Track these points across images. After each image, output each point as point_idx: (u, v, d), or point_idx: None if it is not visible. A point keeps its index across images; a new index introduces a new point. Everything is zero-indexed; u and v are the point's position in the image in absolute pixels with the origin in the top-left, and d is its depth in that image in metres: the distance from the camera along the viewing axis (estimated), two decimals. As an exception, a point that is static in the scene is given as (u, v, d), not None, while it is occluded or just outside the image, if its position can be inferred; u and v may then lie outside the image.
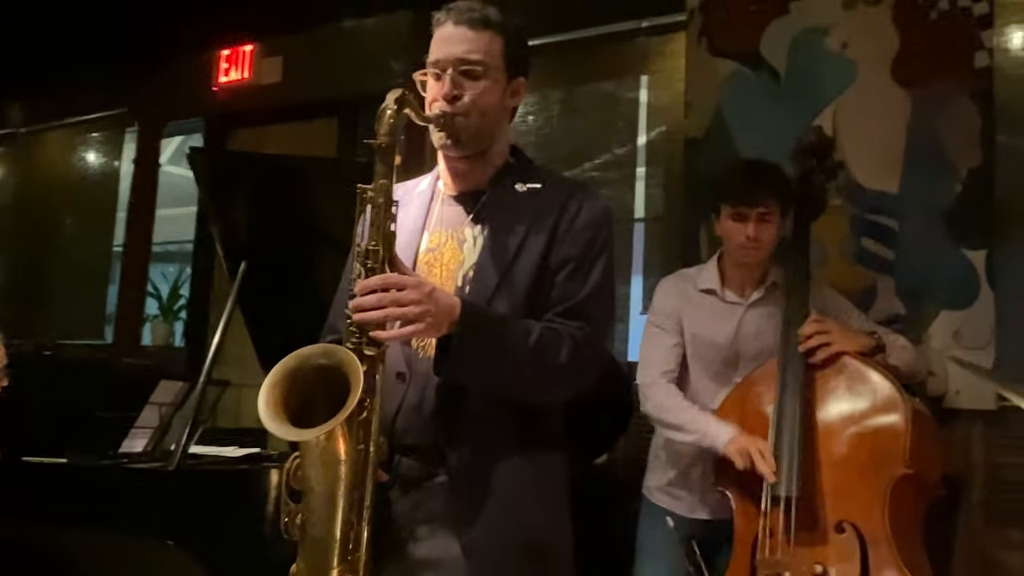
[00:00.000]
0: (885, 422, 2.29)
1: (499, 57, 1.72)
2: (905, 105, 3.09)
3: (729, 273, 2.61)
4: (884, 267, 3.07)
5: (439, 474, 1.65)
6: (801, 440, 2.30)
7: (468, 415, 1.64)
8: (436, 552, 1.64)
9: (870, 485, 2.24)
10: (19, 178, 6.03)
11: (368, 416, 1.54)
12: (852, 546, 2.21)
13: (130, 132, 5.56)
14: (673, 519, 2.47)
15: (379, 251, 1.57)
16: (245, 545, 2.26)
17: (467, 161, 1.76)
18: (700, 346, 2.58)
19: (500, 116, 1.76)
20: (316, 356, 1.54)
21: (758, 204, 2.47)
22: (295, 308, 2.66)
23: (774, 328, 2.51)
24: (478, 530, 1.62)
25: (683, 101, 3.63)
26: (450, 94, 1.68)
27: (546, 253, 1.69)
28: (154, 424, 2.93)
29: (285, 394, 1.51)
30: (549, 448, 1.75)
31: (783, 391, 2.37)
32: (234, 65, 5.02)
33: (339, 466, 1.52)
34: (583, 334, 1.65)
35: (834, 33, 3.26)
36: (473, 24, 1.70)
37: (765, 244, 2.50)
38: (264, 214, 2.83)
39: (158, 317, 5.57)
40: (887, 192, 3.10)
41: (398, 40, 4.31)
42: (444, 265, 1.72)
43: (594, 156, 3.99)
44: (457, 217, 1.76)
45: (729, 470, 2.35)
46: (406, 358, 1.68)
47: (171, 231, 5.91)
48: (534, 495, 1.69)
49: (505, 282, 1.67)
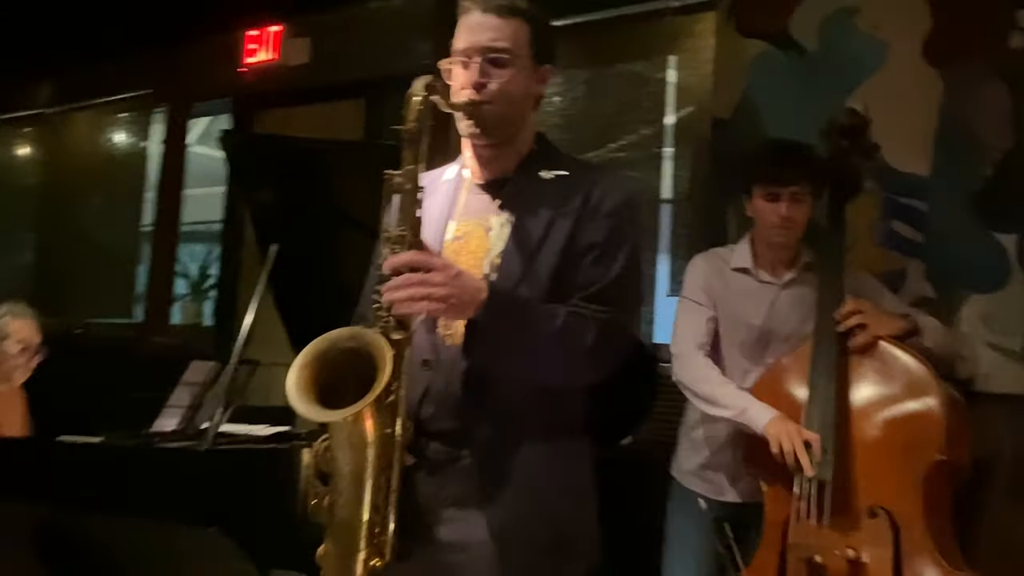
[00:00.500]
0: (920, 407, 2.27)
1: (526, 45, 1.72)
2: (937, 86, 3.06)
3: (762, 253, 2.58)
4: (914, 250, 3.04)
5: (465, 457, 1.67)
6: (834, 424, 2.29)
7: (494, 400, 1.66)
8: (463, 534, 1.65)
9: (904, 470, 2.23)
10: (48, 159, 6.09)
11: (394, 400, 1.56)
12: (885, 531, 2.20)
13: (158, 112, 5.60)
14: (704, 502, 2.47)
15: (406, 236, 1.59)
16: (275, 522, 2.29)
17: (493, 149, 1.76)
18: (733, 325, 2.56)
19: (526, 103, 1.76)
20: (345, 339, 1.56)
21: (791, 183, 2.46)
22: (324, 289, 2.69)
23: (807, 310, 2.49)
24: (505, 513, 1.64)
25: (711, 81, 3.61)
26: (477, 82, 1.69)
27: (572, 239, 1.69)
28: (185, 403, 2.97)
29: (314, 376, 1.53)
30: (574, 432, 1.77)
31: (816, 374, 2.36)
32: (262, 46, 5.03)
33: (366, 448, 1.53)
34: (609, 318, 1.66)
35: (865, 13, 3.22)
36: (500, 11, 1.70)
37: (798, 224, 2.49)
38: (294, 196, 2.85)
39: (187, 296, 5.64)
40: (917, 174, 3.07)
41: (425, 21, 4.31)
42: (471, 253, 1.73)
43: (620, 137, 3.97)
44: (483, 205, 1.77)
45: (761, 452, 2.33)
46: (432, 345, 1.69)
47: (199, 211, 5.95)
48: (560, 478, 1.71)
49: (531, 269, 1.68)
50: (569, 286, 1.68)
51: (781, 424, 2.30)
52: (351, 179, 2.76)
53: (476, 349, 1.61)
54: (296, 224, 2.82)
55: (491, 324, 1.58)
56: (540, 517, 1.66)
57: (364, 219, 2.77)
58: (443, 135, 1.69)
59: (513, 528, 1.64)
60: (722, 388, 2.44)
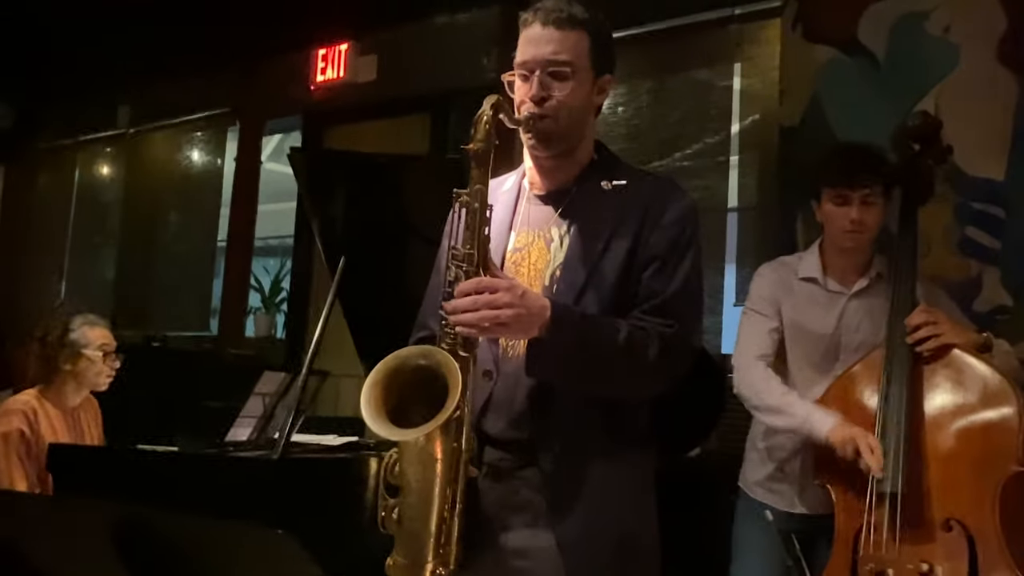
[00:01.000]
0: (996, 417, 2.19)
1: (586, 56, 1.72)
2: (1012, 88, 2.99)
3: (831, 261, 2.52)
4: (990, 257, 2.97)
5: (529, 465, 1.68)
6: (907, 434, 2.23)
7: (557, 411, 1.67)
8: (528, 541, 1.66)
9: (979, 482, 2.16)
10: (128, 177, 6.29)
11: (461, 414, 1.58)
12: (960, 545, 2.13)
13: (232, 131, 5.75)
14: (772, 513, 2.44)
15: (474, 255, 1.60)
16: (345, 531, 2.33)
17: (554, 160, 1.77)
18: (800, 336, 2.50)
19: (587, 114, 1.77)
20: (415, 357, 1.59)
21: (861, 186, 2.40)
22: (391, 301, 2.73)
23: (877, 320, 2.42)
24: (571, 522, 1.64)
25: (778, 89, 3.58)
26: (538, 95, 1.69)
27: (632, 251, 1.69)
28: (258, 413, 3.04)
29: (385, 393, 1.55)
30: (638, 443, 1.77)
31: (889, 383, 2.29)
32: (330, 64, 5.14)
33: (435, 464, 1.56)
34: (671, 332, 1.66)
35: (935, 16, 3.16)
36: (560, 24, 1.70)
37: (870, 227, 2.43)
38: (361, 210, 2.90)
39: (260, 310, 5.75)
40: (993, 179, 3.00)
41: (488, 35, 4.36)
42: (532, 264, 1.74)
43: (686, 146, 3.95)
44: (544, 216, 1.77)
45: (831, 462, 2.28)
46: (494, 357, 1.71)
47: (272, 226, 6.08)
48: (626, 490, 1.71)
49: (592, 281, 1.69)
50: (631, 298, 1.69)
51: (845, 429, 2.25)
52: (416, 192, 2.81)
53: (538, 366, 1.62)
54: (364, 237, 2.87)
55: (554, 342, 1.60)
56: (604, 526, 1.67)
57: (429, 232, 2.80)
58: (505, 144, 1.71)
59: (580, 538, 1.65)
60: (783, 399, 2.39)
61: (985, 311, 2.85)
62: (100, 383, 3.09)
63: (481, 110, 1.62)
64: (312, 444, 2.93)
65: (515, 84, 1.74)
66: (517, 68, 1.73)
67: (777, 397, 2.40)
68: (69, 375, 3.04)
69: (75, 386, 3.07)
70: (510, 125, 1.67)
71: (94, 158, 6.55)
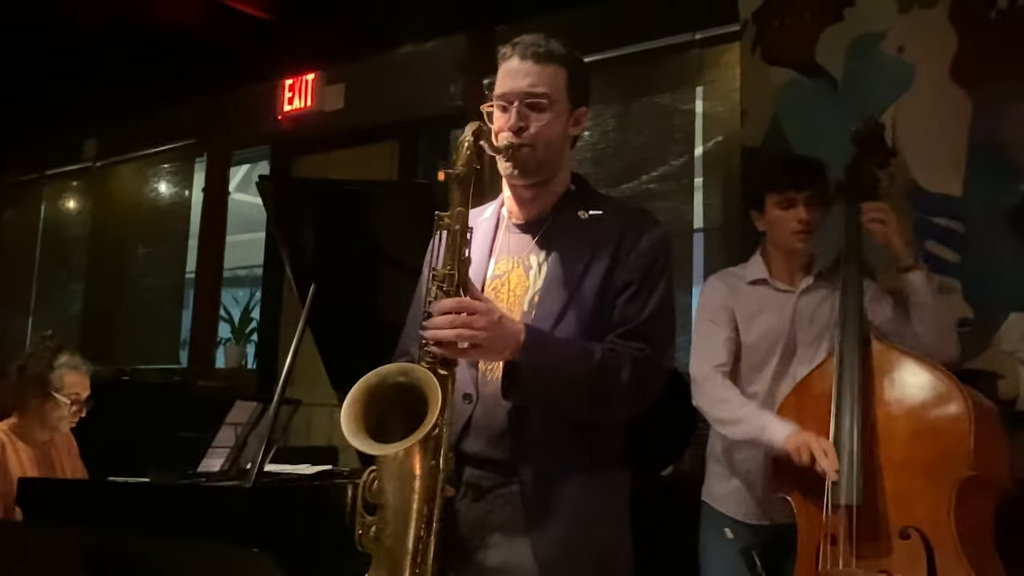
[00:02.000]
0: (945, 421, 2.20)
1: (563, 89, 1.78)
2: (966, 106, 3.07)
3: (776, 264, 2.58)
4: (950, 270, 3.03)
5: (509, 484, 1.70)
6: (860, 445, 2.24)
7: (535, 432, 1.70)
8: (508, 558, 1.68)
9: (934, 488, 2.16)
10: (95, 210, 6.25)
11: (439, 432, 1.60)
12: (918, 553, 2.13)
13: (199, 162, 5.75)
14: (735, 525, 2.44)
15: (454, 276, 1.64)
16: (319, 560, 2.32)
17: (532, 189, 1.82)
18: (756, 338, 2.53)
19: (563, 145, 1.82)
20: (395, 374, 1.60)
21: (805, 188, 2.48)
22: (362, 327, 2.73)
23: (827, 315, 2.47)
24: (550, 539, 1.67)
25: (739, 111, 3.64)
26: (516, 125, 1.75)
27: (608, 278, 1.74)
28: (230, 443, 3.01)
29: (365, 410, 1.57)
30: (615, 463, 1.80)
31: (840, 394, 2.29)
32: (297, 94, 5.16)
33: (414, 480, 1.57)
34: (643, 355, 1.70)
35: (890, 37, 3.25)
36: (538, 58, 1.76)
37: (815, 227, 2.51)
38: (330, 237, 2.90)
39: (230, 340, 5.72)
40: (950, 195, 3.07)
41: (455, 65, 4.39)
42: (511, 291, 1.79)
43: (651, 169, 4.01)
44: (522, 244, 1.82)
45: (790, 472, 2.29)
46: (473, 380, 1.74)
47: (241, 257, 6.06)
48: (603, 508, 1.74)
49: (569, 307, 1.73)
50: (606, 323, 1.73)
51: (801, 436, 2.26)
52: (386, 218, 2.82)
53: (514, 389, 1.66)
54: (333, 264, 2.87)
55: (528, 365, 1.63)
56: (582, 543, 1.69)
57: (399, 256, 2.83)
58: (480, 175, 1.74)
59: (556, 553, 1.67)
60: (741, 410, 2.41)
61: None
62: (61, 427, 3.08)
63: (463, 136, 1.67)
64: (285, 474, 2.91)
65: (494, 115, 1.79)
66: (496, 100, 1.79)
67: (735, 408, 2.42)
68: (35, 411, 3.02)
69: (40, 423, 3.05)
70: (490, 152, 1.72)
71: (60, 192, 6.51)
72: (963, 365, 2.84)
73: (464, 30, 4.42)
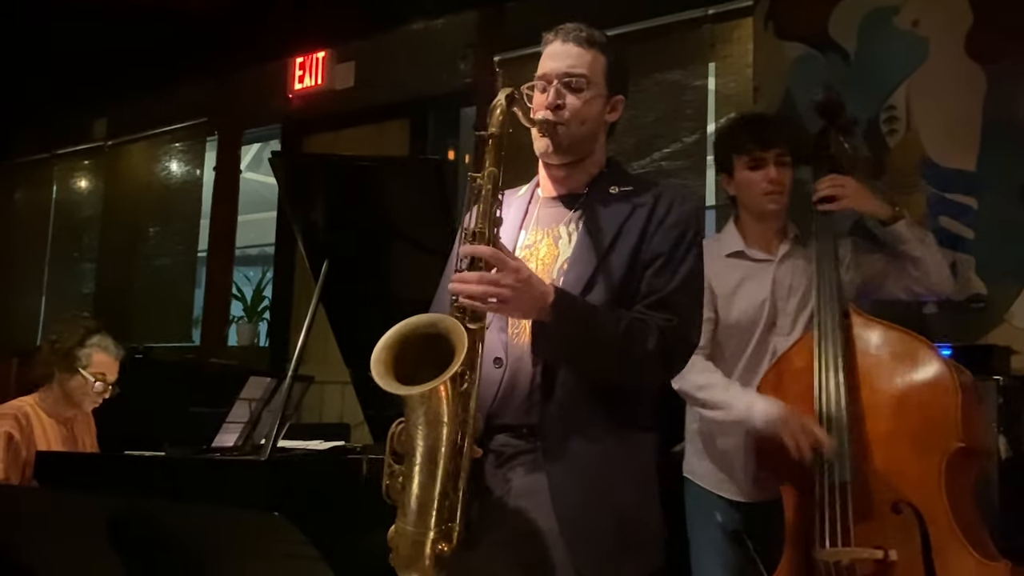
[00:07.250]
0: (933, 394, 2.17)
1: (601, 74, 1.85)
2: (980, 81, 3.05)
3: (751, 231, 2.52)
4: (963, 246, 3.03)
5: (533, 449, 1.73)
6: (848, 421, 2.20)
7: (562, 396, 1.72)
8: (531, 523, 1.70)
9: (923, 461, 2.13)
10: (106, 189, 6.26)
11: (468, 389, 1.63)
12: (911, 526, 2.12)
13: (211, 141, 5.74)
14: (721, 503, 2.42)
15: (484, 232, 1.68)
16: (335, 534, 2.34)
17: (565, 168, 1.88)
18: (736, 312, 2.46)
19: (598, 128, 1.88)
20: (424, 325, 1.64)
21: (774, 146, 2.46)
22: (374, 302, 2.74)
23: (807, 282, 2.43)
24: (573, 504, 1.69)
25: (751, 86, 3.62)
26: (553, 103, 1.81)
27: (637, 249, 1.78)
28: (244, 419, 3.04)
29: (395, 358, 1.60)
30: (640, 429, 1.82)
31: (822, 371, 2.26)
32: (308, 72, 5.15)
33: (441, 427, 1.59)
34: (670, 325, 1.73)
35: (904, 10, 3.23)
36: (579, 42, 1.84)
37: (786, 188, 2.47)
38: (342, 213, 2.91)
39: (243, 319, 5.74)
40: (964, 170, 3.06)
41: (465, 41, 4.38)
42: (540, 260, 1.82)
43: (663, 146, 3.99)
44: (553, 216, 1.87)
45: (776, 453, 2.25)
46: (503, 345, 1.77)
47: (252, 235, 6.07)
48: (626, 473, 1.76)
49: (598, 276, 1.76)
50: (634, 294, 1.76)
51: (789, 416, 2.23)
52: (398, 193, 2.82)
53: (542, 348, 1.70)
54: (346, 240, 2.88)
55: (556, 326, 1.66)
56: (605, 507, 1.71)
57: (411, 231, 2.83)
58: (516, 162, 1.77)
59: (581, 519, 1.69)
60: (725, 393, 2.35)
61: (961, 299, 2.90)
62: (84, 405, 3.10)
63: (496, 100, 1.74)
64: (299, 449, 2.93)
65: (533, 96, 1.85)
66: (536, 80, 1.85)
67: (719, 393, 2.36)
68: (60, 385, 3.05)
69: (64, 398, 3.07)
70: (524, 122, 1.79)
71: (72, 172, 6.51)
72: (976, 340, 2.86)
73: (474, 7, 4.41)
